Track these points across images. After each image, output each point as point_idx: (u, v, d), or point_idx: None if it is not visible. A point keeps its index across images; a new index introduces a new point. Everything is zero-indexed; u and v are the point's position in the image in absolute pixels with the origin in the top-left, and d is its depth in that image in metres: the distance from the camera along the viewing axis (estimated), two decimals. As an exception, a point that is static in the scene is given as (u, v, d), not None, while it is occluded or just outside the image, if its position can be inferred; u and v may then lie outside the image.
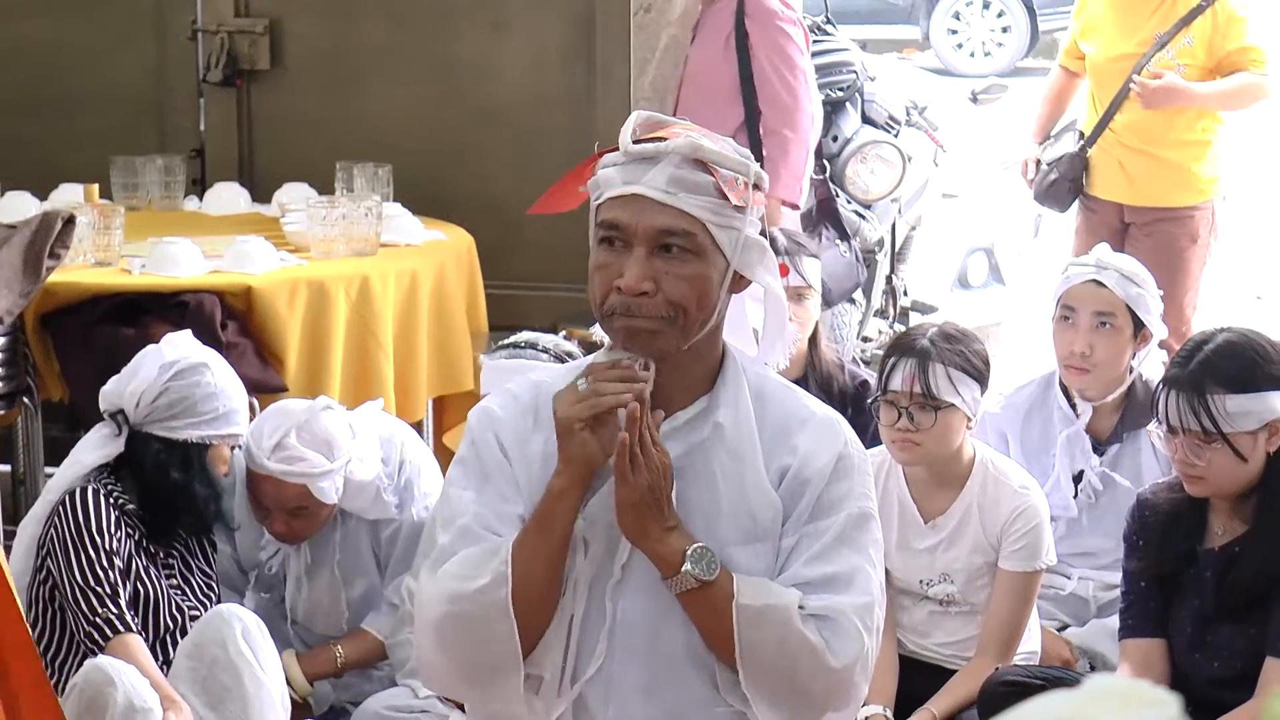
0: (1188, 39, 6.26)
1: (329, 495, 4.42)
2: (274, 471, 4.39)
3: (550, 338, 4.49)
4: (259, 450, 4.40)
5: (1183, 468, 3.92)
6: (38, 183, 6.21)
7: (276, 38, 6.83)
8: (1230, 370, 3.86)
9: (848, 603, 2.81)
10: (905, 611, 4.45)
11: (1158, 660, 4.02)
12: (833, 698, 2.83)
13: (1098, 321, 4.69)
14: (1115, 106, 6.35)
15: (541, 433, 2.90)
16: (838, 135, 7.83)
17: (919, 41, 16.78)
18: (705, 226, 2.78)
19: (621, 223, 2.78)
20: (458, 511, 2.88)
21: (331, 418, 4.46)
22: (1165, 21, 6.30)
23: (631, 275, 2.76)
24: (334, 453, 4.41)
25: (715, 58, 5.91)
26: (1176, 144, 6.35)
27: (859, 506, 2.87)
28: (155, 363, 4.37)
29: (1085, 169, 6.49)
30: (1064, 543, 4.69)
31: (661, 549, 2.80)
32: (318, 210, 5.66)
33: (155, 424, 4.35)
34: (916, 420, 4.24)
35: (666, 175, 2.77)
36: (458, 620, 2.82)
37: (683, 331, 2.80)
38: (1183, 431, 3.87)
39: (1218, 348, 3.89)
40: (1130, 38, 6.35)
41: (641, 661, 2.85)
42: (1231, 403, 3.84)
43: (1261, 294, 9.41)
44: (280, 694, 4.24)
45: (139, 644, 4.20)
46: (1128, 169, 6.38)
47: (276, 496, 4.44)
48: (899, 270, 8.18)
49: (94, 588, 4.20)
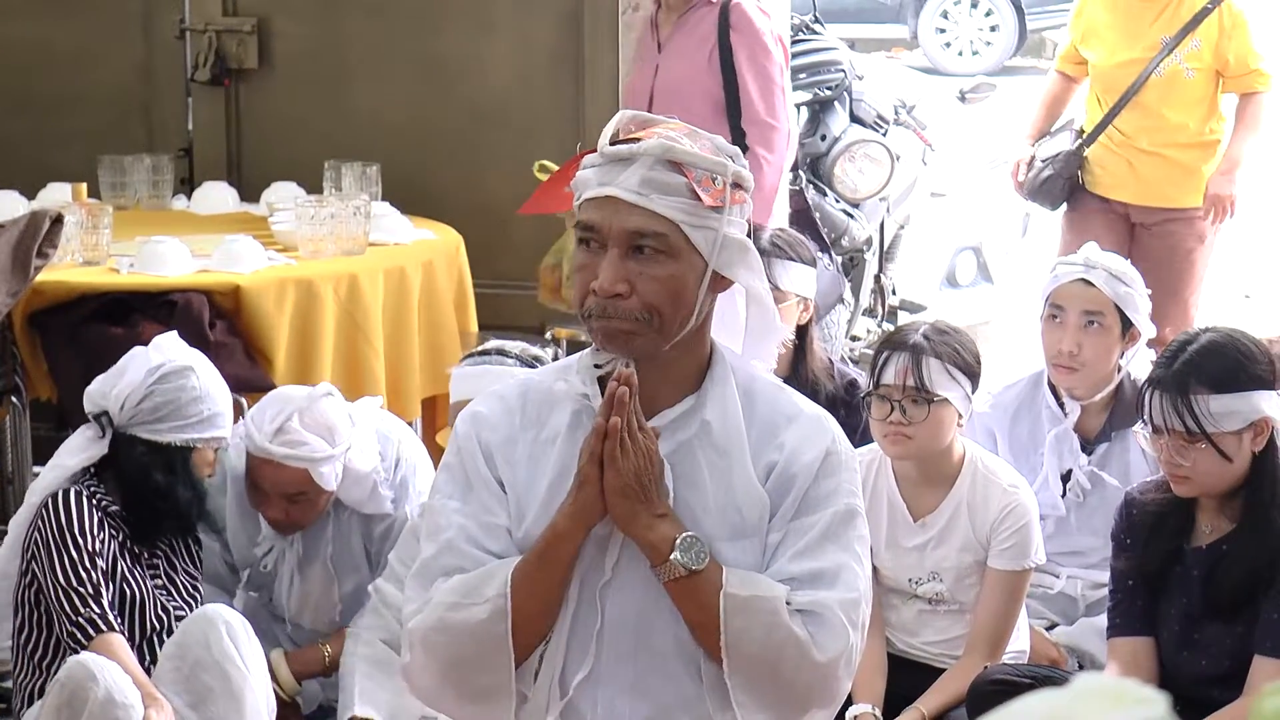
0: (1195, 42, 6.30)
1: (329, 481, 4.42)
2: (276, 455, 4.39)
3: (518, 344, 4.49)
4: (260, 434, 4.40)
5: (1168, 468, 3.92)
6: (26, 182, 6.20)
7: (264, 37, 6.82)
8: (1214, 370, 3.85)
9: (834, 598, 2.81)
10: (894, 610, 4.45)
11: (1146, 659, 4.02)
12: (816, 692, 2.84)
13: (1085, 320, 4.69)
14: (1118, 109, 6.38)
15: (529, 432, 2.90)
16: (826, 134, 7.84)
17: (907, 40, 16.78)
18: (678, 227, 2.78)
19: (596, 224, 2.79)
20: (442, 524, 2.89)
21: (332, 404, 4.47)
22: (1170, 25, 6.32)
23: (605, 277, 2.77)
24: (335, 438, 4.41)
25: (696, 71, 5.76)
26: (1188, 146, 6.40)
27: (845, 503, 2.87)
28: (141, 365, 4.37)
29: (1081, 167, 6.52)
30: (1052, 541, 4.70)
31: (651, 536, 2.81)
32: (306, 209, 5.66)
33: (139, 426, 4.35)
34: (909, 414, 4.24)
35: (639, 177, 2.78)
36: (453, 650, 2.84)
37: (660, 332, 2.81)
38: (1167, 432, 3.87)
39: (1201, 348, 3.89)
40: (1136, 43, 6.37)
41: (630, 660, 2.85)
42: (1215, 403, 3.84)
43: (1250, 293, 9.41)
44: (265, 695, 4.24)
45: (121, 643, 4.19)
46: (1139, 170, 6.41)
47: (277, 481, 4.43)
48: (887, 269, 8.19)
49: (76, 589, 4.19)
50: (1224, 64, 6.35)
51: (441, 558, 2.86)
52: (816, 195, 7.73)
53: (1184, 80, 6.34)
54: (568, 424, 2.89)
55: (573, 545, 2.82)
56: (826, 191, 7.78)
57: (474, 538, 2.86)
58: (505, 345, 4.47)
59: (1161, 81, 6.34)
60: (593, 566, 2.86)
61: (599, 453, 2.79)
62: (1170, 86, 6.35)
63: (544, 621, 2.84)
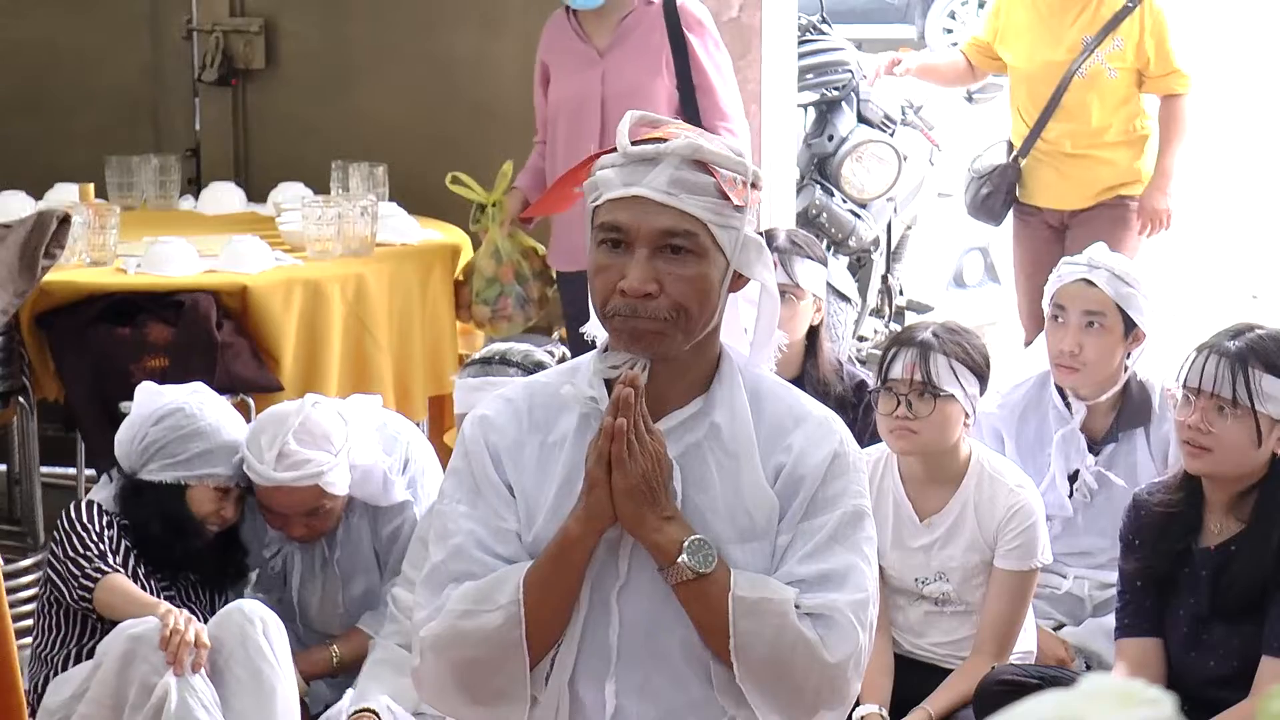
0: (1117, 41, 6.27)
1: (340, 488, 4.43)
2: (285, 481, 4.39)
3: (522, 348, 4.47)
4: (262, 465, 4.39)
5: (1192, 434, 3.92)
6: (33, 182, 6.21)
7: (271, 37, 6.83)
8: (1274, 354, 3.91)
9: (843, 600, 2.81)
10: (901, 611, 4.45)
11: (1154, 659, 4.02)
12: (826, 693, 2.83)
13: (1087, 321, 4.69)
14: (1048, 113, 6.36)
15: (536, 435, 2.90)
16: (833, 134, 7.84)
17: (914, 41, 16.77)
18: (706, 227, 2.78)
19: (623, 224, 2.78)
20: (451, 529, 2.88)
21: (321, 412, 4.47)
22: (1091, 25, 6.32)
23: (635, 277, 2.76)
24: (333, 445, 4.42)
25: (650, 73, 5.63)
26: (1115, 144, 6.39)
27: (853, 504, 2.87)
28: (139, 410, 4.47)
29: (1018, 179, 6.52)
30: (1059, 542, 4.70)
31: (659, 538, 2.80)
32: (313, 209, 5.66)
33: (142, 470, 4.44)
34: (915, 408, 4.25)
35: (667, 176, 2.77)
36: (466, 657, 2.83)
37: (685, 332, 2.80)
38: (1210, 395, 3.89)
39: (1267, 333, 3.96)
40: (1058, 44, 6.35)
41: (639, 663, 2.85)
42: (1268, 382, 3.88)
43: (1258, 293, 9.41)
44: (294, 695, 4.25)
45: (120, 579, 4.29)
46: (1067, 174, 6.39)
47: (291, 504, 4.44)
48: (894, 269, 8.19)
49: (82, 554, 4.31)
50: (1145, 63, 6.32)
51: (451, 563, 2.86)
52: (824, 195, 7.74)
53: (1107, 80, 6.32)
54: (575, 427, 2.88)
55: (585, 549, 2.82)
56: (834, 192, 7.78)
57: (483, 543, 2.86)
58: (508, 351, 4.45)
59: (1084, 82, 6.31)
60: (605, 570, 2.85)
61: (607, 455, 2.79)
62: (1093, 87, 6.32)
63: (557, 626, 2.83)
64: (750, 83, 6.40)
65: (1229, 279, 9.73)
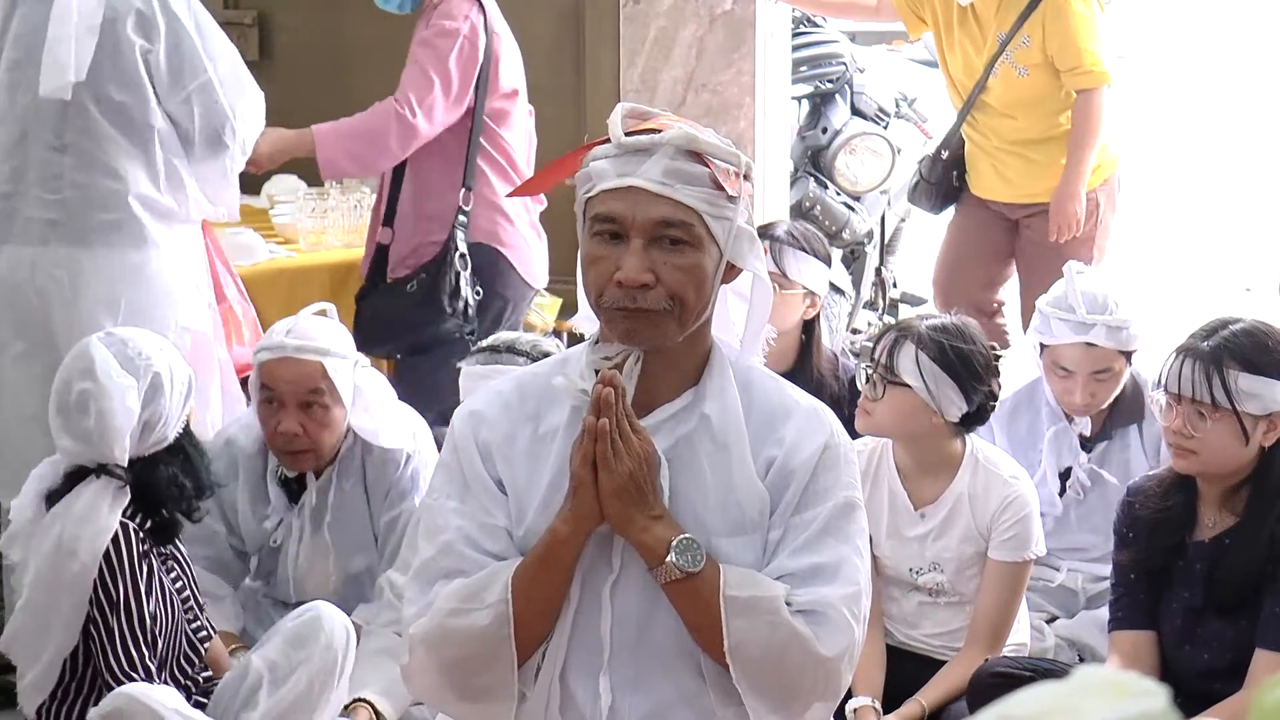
0: (1024, 39, 6.04)
1: (344, 385, 4.38)
2: (290, 348, 4.35)
3: (530, 338, 4.47)
4: (272, 339, 4.39)
5: (1176, 439, 3.92)
6: (26, 175, 6.19)
7: (265, 30, 6.82)
8: (1249, 351, 3.88)
9: (835, 593, 2.81)
10: (894, 602, 4.45)
11: (1147, 652, 4.02)
12: (820, 687, 2.83)
13: (1096, 376, 4.69)
14: (965, 111, 6.23)
15: (527, 427, 2.90)
16: (827, 127, 7.84)
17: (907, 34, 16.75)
18: (701, 217, 2.78)
19: (618, 215, 2.77)
20: (440, 524, 2.88)
21: (339, 325, 4.50)
22: (1005, 22, 6.08)
23: (631, 267, 2.75)
24: (345, 344, 4.42)
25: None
26: (1040, 142, 6.14)
27: (845, 496, 2.87)
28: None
29: (959, 170, 6.37)
30: (1051, 538, 4.69)
31: (646, 538, 2.80)
32: (307, 202, 5.66)
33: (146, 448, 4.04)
34: (877, 390, 4.26)
35: (661, 167, 2.77)
36: (455, 654, 2.83)
37: (680, 322, 2.80)
38: (1190, 400, 3.88)
39: (1240, 329, 3.92)
40: (982, 42, 6.18)
41: (631, 656, 2.85)
42: (1244, 381, 3.86)
43: (1251, 286, 9.42)
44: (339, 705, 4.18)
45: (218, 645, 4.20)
46: (1001, 169, 6.22)
47: (293, 378, 4.37)
48: (888, 262, 8.19)
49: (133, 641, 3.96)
50: (1052, 59, 6.05)
51: (440, 559, 2.86)
52: (817, 188, 7.74)
53: (1017, 80, 6.09)
54: (566, 420, 2.88)
55: (573, 549, 2.82)
56: (827, 184, 7.79)
57: (472, 539, 2.86)
58: (516, 340, 4.44)
59: (997, 82, 6.11)
60: (597, 564, 2.85)
61: (591, 455, 2.78)
62: (1005, 87, 6.12)
63: (546, 623, 2.83)
64: (744, 75, 6.41)
65: (1222, 272, 9.74)
